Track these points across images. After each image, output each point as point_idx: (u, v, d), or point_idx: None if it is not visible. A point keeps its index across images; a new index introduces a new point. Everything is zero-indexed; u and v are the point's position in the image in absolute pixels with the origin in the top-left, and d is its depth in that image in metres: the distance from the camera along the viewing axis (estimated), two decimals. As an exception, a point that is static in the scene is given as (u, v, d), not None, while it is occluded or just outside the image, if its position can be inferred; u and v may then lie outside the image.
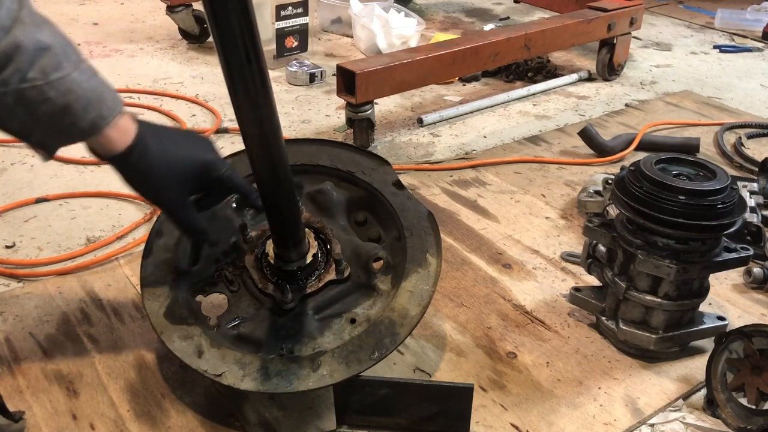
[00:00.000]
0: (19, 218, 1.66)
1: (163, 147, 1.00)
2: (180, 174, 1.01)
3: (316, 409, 1.15)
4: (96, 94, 0.88)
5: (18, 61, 0.80)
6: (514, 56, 2.31)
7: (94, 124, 0.89)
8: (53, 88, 0.83)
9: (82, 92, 0.86)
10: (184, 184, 1.03)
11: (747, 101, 2.53)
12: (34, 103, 0.83)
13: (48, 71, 0.83)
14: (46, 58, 0.83)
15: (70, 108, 0.86)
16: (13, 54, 0.80)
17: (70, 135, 0.90)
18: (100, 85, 0.90)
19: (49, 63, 0.83)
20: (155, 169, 0.99)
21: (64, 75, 0.84)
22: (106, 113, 0.90)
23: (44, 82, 0.83)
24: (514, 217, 1.73)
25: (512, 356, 1.28)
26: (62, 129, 0.88)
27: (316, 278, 1.16)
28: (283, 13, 2.53)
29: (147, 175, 0.99)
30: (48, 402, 1.15)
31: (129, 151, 0.95)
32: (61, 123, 0.87)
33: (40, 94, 0.83)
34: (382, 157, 1.32)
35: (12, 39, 0.79)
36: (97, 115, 0.89)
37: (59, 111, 0.85)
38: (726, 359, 1.16)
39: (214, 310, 1.20)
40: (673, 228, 1.16)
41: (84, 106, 0.87)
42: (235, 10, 0.78)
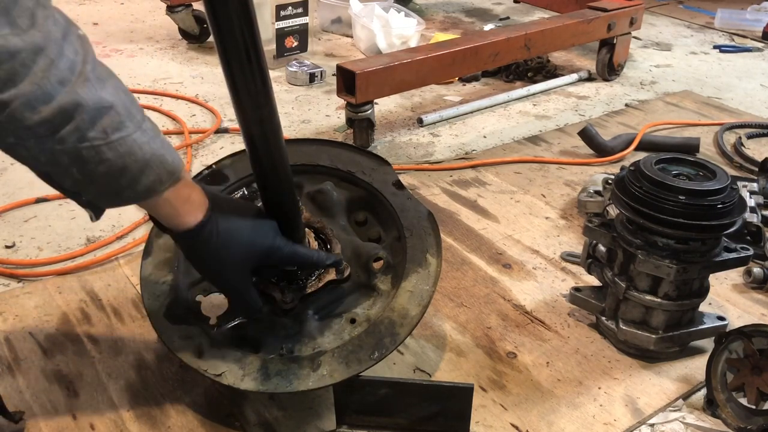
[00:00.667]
0: (19, 218, 1.66)
1: (232, 227, 0.96)
2: (246, 257, 0.98)
3: (316, 409, 1.15)
4: (156, 156, 0.83)
5: (78, 120, 0.75)
6: (514, 56, 2.31)
7: (151, 188, 0.84)
8: (112, 150, 0.78)
9: (141, 154, 0.81)
10: (248, 267, 1.00)
11: (747, 101, 2.53)
12: (90, 164, 0.78)
13: (109, 131, 0.77)
14: (108, 117, 0.77)
15: (128, 169, 0.80)
16: (74, 112, 0.74)
17: (124, 197, 0.84)
18: (161, 148, 0.84)
19: (110, 123, 0.77)
20: (223, 251, 0.95)
21: (126, 135, 0.79)
22: (165, 178, 0.85)
23: (104, 142, 0.77)
24: (514, 217, 1.73)
25: (512, 356, 1.28)
26: (117, 190, 0.83)
27: (316, 278, 1.16)
28: (283, 13, 2.53)
29: (215, 257, 0.95)
30: (48, 402, 1.15)
31: (200, 228, 0.91)
32: (116, 185, 0.82)
33: (98, 154, 0.78)
34: (382, 157, 1.32)
35: (73, 96, 0.74)
36: (156, 180, 0.84)
37: (116, 173, 0.80)
38: (726, 359, 1.16)
39: (214, 310, 1.20)
40: (673, 228, 1.16)
41: (141, 168, 0.81)
42: (236, 10, 0.78)
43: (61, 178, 0.81)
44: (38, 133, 0.74)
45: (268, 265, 1.05)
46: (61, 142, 0.75)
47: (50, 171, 0.80)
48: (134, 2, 3.37)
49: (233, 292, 1.04)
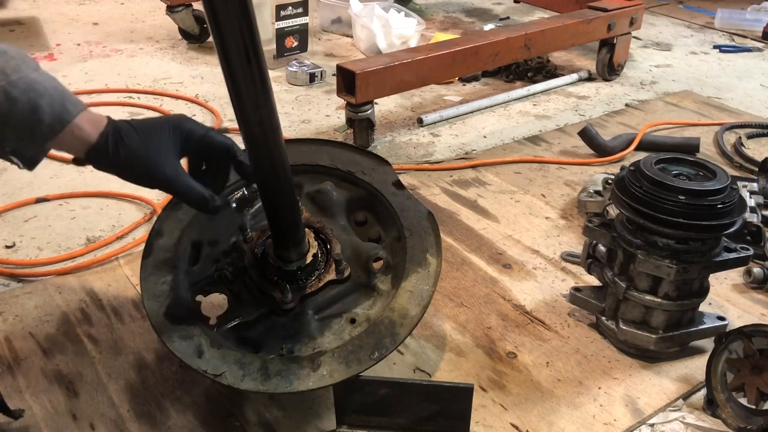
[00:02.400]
0: (19, 218, 1.66)
1: (137, 128, 0.99)
2: (161, 145, 1.00)
3: (316, 409, 1.15)
4: (58, 92, 0.91)
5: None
6: (514, 56, 2.31)
7: (61, 118, 0.91)
8: (15, 87, 0.86)
9: (44, 89, 0.89)
10: (168, 153, 1.01)
11: (747, 101, 2.53)
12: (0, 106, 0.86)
13: (8, 72, 0.86)
14: (4, 60, 0.86)
15: (35, 104, 0.88)
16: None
17: (40, 134, 0.91)
18: (61, 86, 0.92)
19: (7, 65, 0.86)
20: (137, 150, 0.98)
21: (24, 75, 0.87)
22: (71, 107, 0.92)
23: (6, 82, 0.86)
24: (514, 217, 1.73)
25: (512, 356, 1.28)
26: (32, 128, 0.89)
27: (316, 278, 1.16)
28: (283, 13, 2.53)
29: (130, 157, 0.98)
30: (48, 402, 1.15)
31: (104, 136, 0.96)
32: (29, 122, 0.89)
33: (4, 93, 0.86)
34: (382, 157, 1.32)
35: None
36: (62, 110, 0.91)
37: (26, 109, 0.87)
38: (726, 359, 1.16)
39: (214, 310, 1.20)
40: (673, 228, 1.16)
41: (49, 102, 0.89)
42: (235, 11, 0.78)
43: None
44: None
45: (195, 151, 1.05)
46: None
47: None
48: (134, 2, 3.37)
49: (169, 184, 1.02)
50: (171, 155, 1.01)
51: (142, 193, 1.76)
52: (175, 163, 1.02)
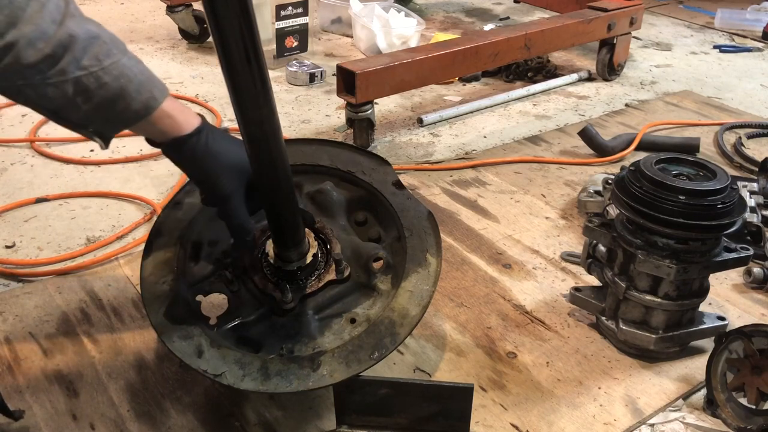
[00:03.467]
0: (19, 218, 1.66)
1: (223, 140, 1.02)
2: (238, 165, 1.02)
3: (316, 409, 1.15)
4: (146, 77, 0.92)
5: (74, 50, 0.83)
6: (514, 56, 2.31)
7: (148, 105, 0.92)
8: (107, 73, 0.87)
9: (133, 75, 0.90)
10: (239, 177, 1.03)
11: (747, 101, 2.53)
12: (91, 90, 0.86)
13: (101, 58, 0.86)
14: (98, 46, 0.86)
15: (125, 91, 0.89)
16: (69, 44, 0.83)
17: (126, 118, 0.92)
18: (147, 70, 0.93)
19: (101, 50, 0.86)
20: (216, 157, 1.00)
21: (116, 61, 0.88)
22: (157, 94, 0.93)
23: (99, 68, 0.86)
24: (514, 217, 1.73)
25: (512, 356, 1.28)
26: (119, 113, 0.91)
27: (316, 278, 1.16)
28: (283, 13, 2.53)
29: (209, 161, 1.00)
30: (48, 402, 1.15)
31: (197, 132, 0.98)
32: (117, 107, 0.90)
33: (97, 80, 0.86)
34: (382, 157, 1.32)
35: (66, 30, 0.83)
36: (150, 96, 0.92)
37: (115, 95, 0.88)
38: (726, 359, 1.16)
39: (214, 310, 1.20)
40: (673, 228, 1.16)
41: (137, 88, 0.90)
42: (235, 11, 0.78)
43: (68, 112, 0.89)
44: (42, 68, 0.82)
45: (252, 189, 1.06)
46: (62, 74, 0.84)
47: (58, 106, 0.87)
48: (134, 2, 3.37)
49: (228, 201, 1.04)
50: (241, 178, 1.03)
51: (142, 193, 1.76)
52: (240, 184, 1.04)
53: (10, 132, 2.07)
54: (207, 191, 1.06)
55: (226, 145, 1.02)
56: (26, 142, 2.00)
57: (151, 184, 1.81)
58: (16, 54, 0.80)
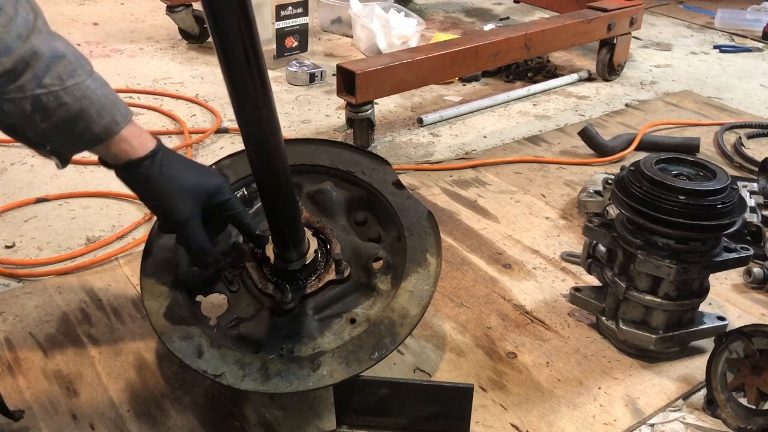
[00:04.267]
0: (19, 218, 1.66)
1: (178, 163, 1.01)
2: (193, 188, 1.01)
3: (316, 409, 1.15)
4: (109, 100, 0.90)
5: (35, 68, 0.82)
6: (514, 56, 2.31)
7: (108, 129, 0.91)
8: (68, 94, 0.85)
9: (96, 98, 0.88)
10: (195, 201, 1.02)
11: (747, 101, 2.53)
12: (50, 110, 0.85)
13: (64, 78, 0.85)
14: (62, 65, 0.85)
15: (85, 113, 0.88)
16: (31, 60, 0.82)
17: (85, 141, 0.91)
18: (111, 94, 0.92)
19: (64, 70, 0.85)
20: (170, 181, 0.99)
21: (79, 82, 0.86)
22: (119, 119, 0.92)
23: (60, 87, 0.85)
24: (514, 217, 1.73)
25: (512, 356, 1.28)
26: (77, 135, 0.89)
27: (316, 278, 1.16)
28: (283, 13, 2.53)
29: (163, 185, 0.99)
30: (48, 402, 1.15)
31: (147, 157, 0.96)
32: (76, 128, 0.88)
33: (56, 99, 0.85)
34: (382, 157, 1.32)
35: (29, 46, 0.81)
36: (111, 120, 0.91)
37: (74, 116, 0.87)
38: (726, 359, 1.16)
39: (214, 310, 1.20)
40: (673, 228, 1.16)
41: (98, 111, 0.89)
42: (235, 11, 0.78)
43: (25, 128, 0.87)
44: (0, 83, 0.81)
45: (214, 205, 1.05)
46: (21, 90, 0.82)
47: (15, 122, 0.86)
48: (134, 2, 3.37)
49: (182, 226, 1.03)
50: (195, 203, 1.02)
51: (142, 193, 1.76)
52: (196, 208, 1.03)
53: (10, 132, 2.07)
54: (161, 217, 1.04)
55: (181, 168, 1.00)
56: (26, 142, 2.00)
57: (151, 184, 1.81)
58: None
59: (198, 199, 1.02)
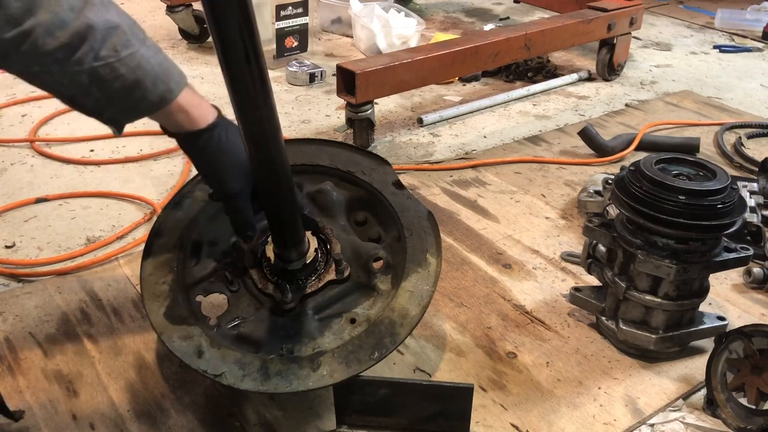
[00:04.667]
0: (19, 218, 1.66)
1: (236, 137, 1.01)
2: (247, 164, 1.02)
3: (316, 409, 1.15)
4: (163, 68, 0.91)
5: (91, 41, 0.82)
6: (514, 56, 2.31)
7: (163, 97, 0.91)
8: (124, 65, 0.86)
9: (150, 67, 0.88)
10: (248, 177, 1.03)
11: (747, 101, 2.53)
12: (107, 81, 0.85)
13: (119, 49, 0.85)
14: (116, 36, 0.85)
15: (141, 83, 0.88)
16: (87, 34, 0.82)
17: (140, 109, 0.92)
18: (165, 60, 0.92)
19: (119, 41, 0.85)
20: (227, 156, 1.00)
21: (134, 52, 0.86)
22: (174, 87, 0.92)
23: (116, 59, 0.85)
24: (514, 217, 1.73)
25: (512, 356, 1.28)
26: (133, 104, 0.90)
27: (316, 278, 1.16)
28: (283, 13, 2.53)
29: (220, 159, 1.00)
30: (48, 402, 1.15)
31: (211, 128, 0.98)
32: (132, 98, 0.89)
33: (113, 71, 0.85)
34: (382, 157, 1.32)
35: (84, 19, 0.81)
36: (166, 89, 0.91)
37: (130, 86, 0.87)
38: (726, 359, 1.16)
39: (214, 310, 1.20)
40: (673, 228, 1.16)
41: (153, 81, 0.89)
42: (235, 11, 0.78)
43: (83, 99, 0.88)
44: (58, 57, 0.81)
45: None
46: (79, 63, 0.83)
47: (74, 93, 0.87)
48: (134, 2, 3.36)
49: (233, 199, 1.04)
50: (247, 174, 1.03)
51: (142, 193, 1.76)
52: (248, 183, 1.04)
53: (10, 132, 2.07)
54: (215, 187, 1.06)
55: (238, 142, 1.01)
56: (26, 142, 2.00)
57: (151, 184, 1.81)
58: (33, 41, 0.79)
59: (250, 176, 1.03)
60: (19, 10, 0.77)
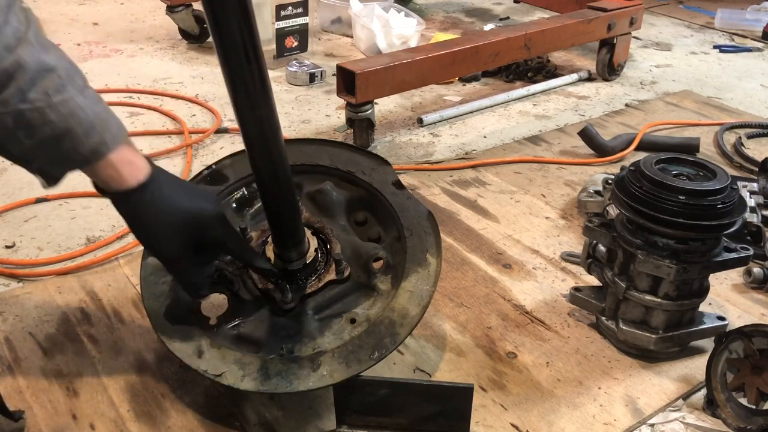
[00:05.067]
0: (19, 218, 1.66)
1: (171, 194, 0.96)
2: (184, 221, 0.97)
3: (316, 409, 1.15)
4: (100, 120, 0.86)
5: (19, 81, 0.78)
6: (514, 56, 2.31)
7: (96, 150, 0.86)
8: (54, 111, 0.81)
9: (84, 116, 0.83)
10: (185, 238, 0.98)
11: (747, 101, 2.53)
12: (34, 126, 0.81)
13: (50, 93, 0.80)
14: (49, 79, 0.80)
15: (72, 132, 0.83)
16: (15, 73, 0.77)
17: (71, 161, 0.87)
18: (104, 112, 0.87)
19: (51, 85, 0.80)
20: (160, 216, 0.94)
21: (67, 98, 0.82)
22: (109, 140, 0.87)
23: (46, 104, 0.80)
24: (514, 217, 1.73)
25: (512, 356, 1.28)
26: (63, 154, 0.85)
27: (316, 278, 1.16)
28: (283, 13, 2.53)
29: (151, 221, 0.95)
30: (48, 402, 1.15)
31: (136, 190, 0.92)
32: (62, 148, 0.84)
33: (41, 116, 0.80)
34: (382, 157, 1.32)
35: (15, 58, 0.77)
36: (99, 142, 0.86)
37: (60, 135, 0.82)
38: (726, 359, 1.16)
39: (214, 310, 1.20)
40: (673, 228, 1.16)
41: (86, 131, 0.84)
42: (235, 11, 0.78)
43: (9, 144, 0.82)
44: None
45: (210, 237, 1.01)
46: (4, 105, 0.78)
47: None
48: (134, 2, 3.37)
49: (172, 262, 1.01)
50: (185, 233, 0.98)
51: (142, 193, 1.76)
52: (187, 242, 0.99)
53: (10, 132, 2.06)
54: (151, 252, 1.02)
55: (173, 198, 0.95)
56: (26, 142, 2.00)
57: (151, 184, 1.81)
58: None
59: (189, 235, 0.98)
60: None
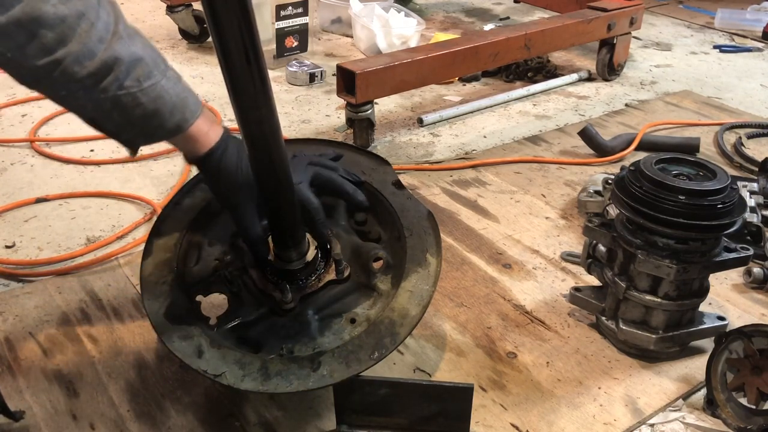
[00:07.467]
0: (19, 218, 1.66)
1: (240, 151, 1.05)
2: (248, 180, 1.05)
3: (316, 409, 1.15)
4: (180, 99, 0.97)
5: (116, 71, 0.88)
6: (514, 56, 2.31)
7: (178, 126, 0.98)
8: (145, 95, 0.92)
9: (169, 98, 0.95)
10: (251, 191, 1.07)
11: (747, 101, 2.53)
12: (128, 108, 0.92)
13: (141, 80, 0.91)
14: (140, 68, 0.91)
15: (159, 112, 0.94)
16: (113, 65, 0.88)
17: (156, 135, 0.98)
18: (183, 91, 0.98)
19: (142, 73, 0.91)
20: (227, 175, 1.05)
21: (155, 83, 0.93)
22: (189, 116, 0.98)
23: (138, 89, 0.91)
24: (514, 217, 1.73)
25: (512, 356, 1.28)
26: (151, 130, 0.97)
27: (316, 278, 1.16)
28: (283, 13, 2.53)
29: (225, 176, 1.06)
30: (48, 402, 1.15)
31: (211, 152, 1.04)
32: (150, 125, 0.95)
33: (134, 99, 0.91)
34: (382, 157, 1.32)
35: (111, 51, 0.88)
36: (181, 118, 0.97)
37: (150, 115, 0.94)
38: (726, 359, 1.16)
39: (214, 310, 1.20)
40: (673, 228, 1.16)
41: (170, 110, 0.95)
42: (235, 11, 0.78)
43: (104, 122, 0.95)
44: (86, 84, 0.87)
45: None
46: (104, 91, 0.89)
47: (96, 116, 0.94)
48: (134, 2, 3.37)
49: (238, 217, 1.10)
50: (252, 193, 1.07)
51: (142, 193, 1.76)
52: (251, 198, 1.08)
53: (10, 132, 2.07)
54: (222, 205, 1.14)
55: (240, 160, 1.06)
56: (26, 142, 2.00)
57: (151, 184, 1.81)
58: (63, 69, 0.84)
59: (253, 189, 1.07)
60: (53, 40, 0.83)
